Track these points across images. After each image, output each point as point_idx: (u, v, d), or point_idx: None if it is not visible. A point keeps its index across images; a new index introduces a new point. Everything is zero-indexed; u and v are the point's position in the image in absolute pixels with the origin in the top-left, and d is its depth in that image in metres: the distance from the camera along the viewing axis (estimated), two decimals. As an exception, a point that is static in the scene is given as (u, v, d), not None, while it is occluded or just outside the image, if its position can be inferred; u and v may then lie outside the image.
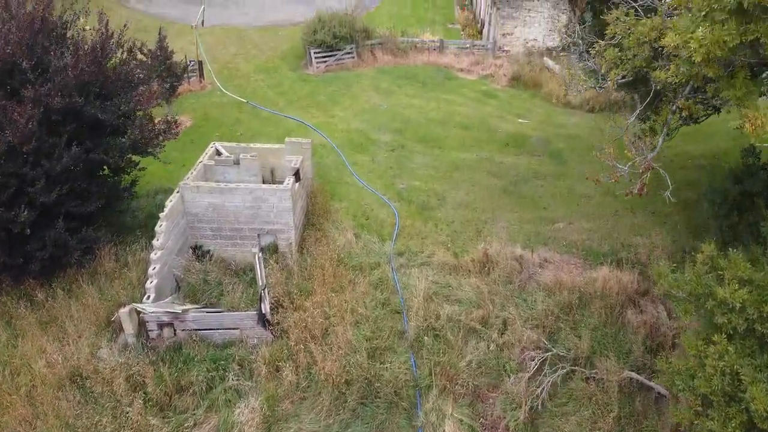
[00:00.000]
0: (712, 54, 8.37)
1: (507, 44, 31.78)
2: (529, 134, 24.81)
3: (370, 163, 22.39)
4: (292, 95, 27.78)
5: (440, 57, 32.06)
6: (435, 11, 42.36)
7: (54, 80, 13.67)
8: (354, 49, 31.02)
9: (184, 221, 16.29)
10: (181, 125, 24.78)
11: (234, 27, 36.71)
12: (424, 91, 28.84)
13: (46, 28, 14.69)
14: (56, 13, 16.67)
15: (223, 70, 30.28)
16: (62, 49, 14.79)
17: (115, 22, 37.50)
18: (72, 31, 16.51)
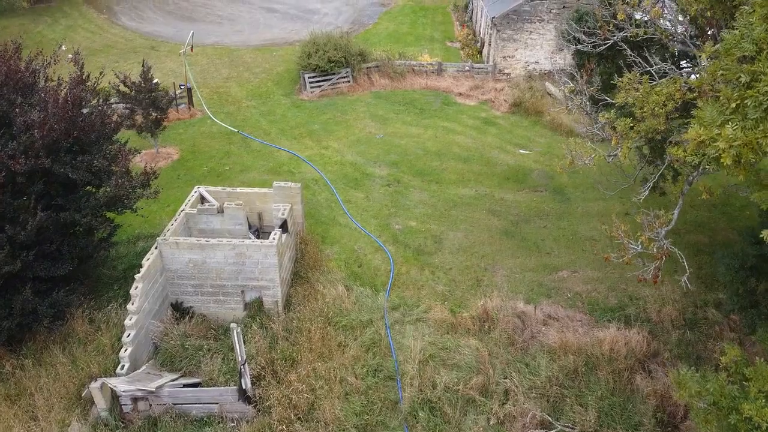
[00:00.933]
0: (744, 158, 7.31)
1: (507, 67, 30.77)
2: (531, 167, 23.79)
3: (365, 201, 21.38)
4: (284, 124, 26.78)
5: (439, 80, 31.07)
6: (434, 28, 41.42)
7: (19, 139, 12.68)
8: (349, 73, 30.03)
9: (162, 278, 15.29)
10: (169, 158, 23.87)
11: (227, 47, 35.76)
12: (422, 118, 27.85)
13: (12, 78, 13.68)
14: (25, 58, 15.71)
15: (214, 95, 29.31)
16: (30, 101, 13.79)
17: (106, 40, 36.77)
18: (42, 79, 15.47)
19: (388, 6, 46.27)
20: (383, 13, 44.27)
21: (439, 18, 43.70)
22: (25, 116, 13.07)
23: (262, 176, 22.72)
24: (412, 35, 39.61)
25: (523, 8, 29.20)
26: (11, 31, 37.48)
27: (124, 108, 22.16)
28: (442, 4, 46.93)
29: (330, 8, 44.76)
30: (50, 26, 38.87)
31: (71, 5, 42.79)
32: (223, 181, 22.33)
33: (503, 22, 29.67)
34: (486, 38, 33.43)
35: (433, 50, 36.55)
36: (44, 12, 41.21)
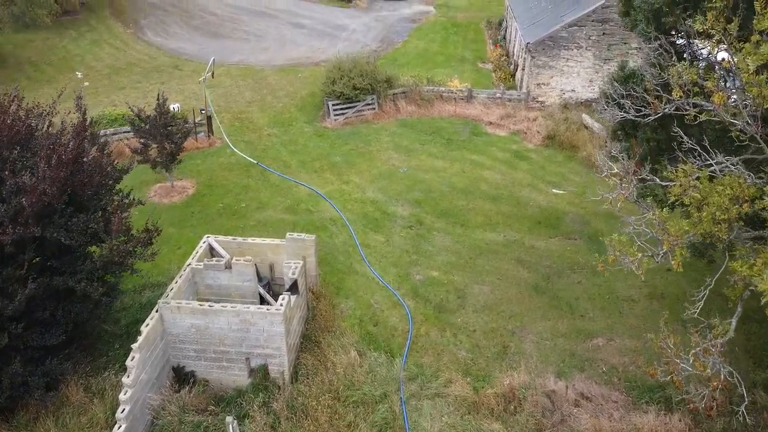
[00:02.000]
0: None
1: (542, 95, 29.19)
2: (565, 209, 22.25)
3: (385, 246, 20.14)
4: (305, 155, 25.71)
5: (468, 108, 29.66)
6: (465, 46, 40.02)
7: (8, 203, 11.76)
8: (375, 100, 28.84)
9: (163, 343, 14.30)
10: (184, 192, 23.00)
11: (251, 67, 34.93)
12: (449, 149, 26.49)
13: (5, 135, 12.78)
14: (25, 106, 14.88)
15: (236, 121, 28.42)
16: (25, 155, 12.88)
17: (130, 58, 36.27)
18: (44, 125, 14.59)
19: (418, 22, 45.04)
20: (413, 30, 43.02)
21: (471, 35, 42.28)
22: (17, 177, 12.16)
23: (279, 215, 21.69)
24: (442, 55, 38.28)
25: (560, 34, 27.61)
26: (36, 45, 37.35)
27: (138, 142, 21.32)
28: (475, 20, 45.52)
29: (359, 24, 43.68)
30: (75, 41, 38.60)
31: (98, 19, 42.57)
32: (239, 219, 21.37)
33: (538, 49, 28.11)
34: (519, 62, 31.90)
35: (464, 72, 35.18)
36: (70, 25, 41.01)
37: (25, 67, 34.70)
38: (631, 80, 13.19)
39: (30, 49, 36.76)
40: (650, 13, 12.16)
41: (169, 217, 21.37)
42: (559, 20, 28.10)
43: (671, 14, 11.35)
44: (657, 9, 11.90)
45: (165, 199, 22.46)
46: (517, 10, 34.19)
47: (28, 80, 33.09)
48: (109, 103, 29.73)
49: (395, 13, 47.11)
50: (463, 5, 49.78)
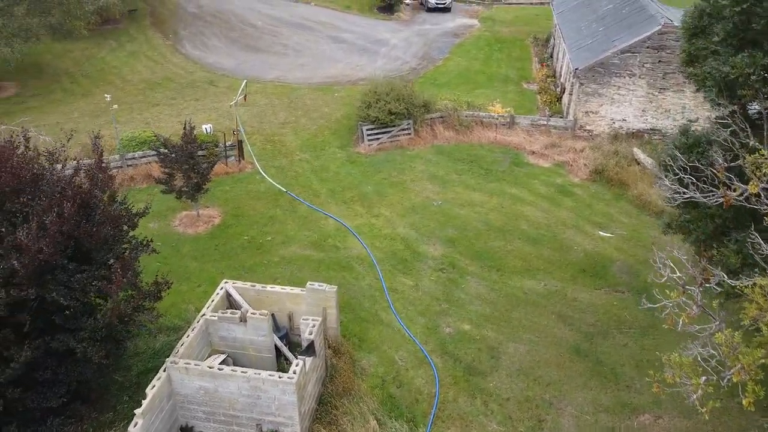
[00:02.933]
0: None
1: (590, 123, 27.42)
2: (612, 256, 20.54)
3: (413, 291, 18.84)
4: (336, 183, 24.61)
5: (509, 134, 28.11)
6: (509, 65, 38.39)
7: (3, 263, 10.92)
8: (411, 126, 27.58)
9: (171, 403, 13.35)
10: (210, 222, 22.16)
11: (288, 84, 34.09)
12: (487, 181, 25.01)
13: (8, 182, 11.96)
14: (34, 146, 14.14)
15: (268, 144, 27.55)
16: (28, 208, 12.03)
17: (166, 71, 35.89)
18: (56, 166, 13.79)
19: (461, 36, 43.57)
20: (455, 46, 41.58)
21: (516, 53, 40.60)
22: (17, 231, 11.32)
23: (304, 251, 20.63)
24: (484, 74, 36.75)
25: (611, 61, 25.81)
26: (74, 55, 37.39)
27: (163, 171, 20.56)
28: (521, 35, 43.79)
29: (399, 39, 42.47)
30: (113, 52, 38.50)
31: (138, 28, 42.48)
32: (263, 254, 20.39)
33: (588, 75, 26.37)
34: (567, 86, 30.15)
35: (507, 93, 33.61)
36: (110, 35, 40.99)
37: (61, 79, 34.68)
38: (695, 150, 11.57)
39: (68, 60, 36.80)
40: (723, 83, 10.58)
41: (192, 250, 20.58)
42: (611, 45, 26.31)
43: (749, 87, 9.80)
44: (732, 80, 10.33)
45: (190, 229, 21.66)
46: (566, 30, 32.42)
47: (63, 92, 33.01)
48: (142, 120, 29.28)
49: (438, 26, 45.72)
50: (509, 19, 48.07)
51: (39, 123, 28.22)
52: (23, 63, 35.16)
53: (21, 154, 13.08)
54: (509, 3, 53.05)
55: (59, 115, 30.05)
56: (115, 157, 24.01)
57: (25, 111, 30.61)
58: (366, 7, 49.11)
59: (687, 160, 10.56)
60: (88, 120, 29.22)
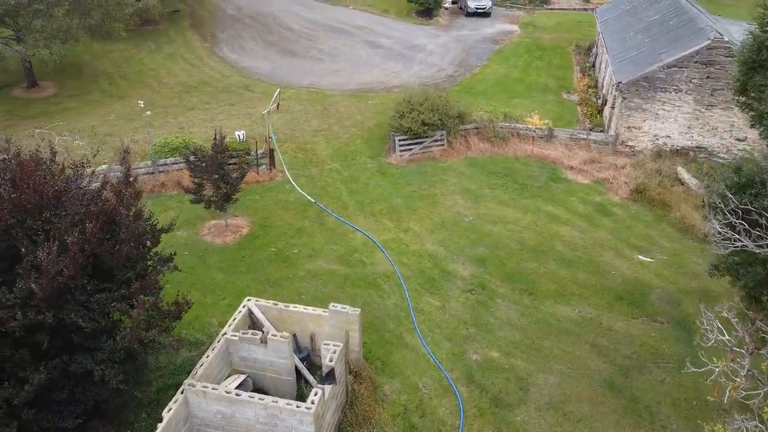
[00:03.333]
0: None
1: (632, 139, 26.33)
2: (651, 283, 19.57)
3: (440, 313, 18.24)
4: (365, 195, 24.16)
5: (547, 148, 27.23)
6: (549, 73, 37.36)
7: (22, 284, 10.70)
8: (444, 137, 26.93)
9: (187, 426, 13.08)
10: (238, 231, 21.94)
11: (322, 91, 33.80)
12: (522, 196, 24.21)
13: (30, 199, 11.77)
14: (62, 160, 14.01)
15: (299, 152, 27.26)
16: (46, 227, 11.83)
17: (203, 75, 36.01)
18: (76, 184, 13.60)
19: (500, 43, 42.65)
20: (494, 53, 40.70)
21: (556, 60, 39.51)
22: (38, 250, 11.14)
23: (330, 265, 20.23)
24: (523, 83, 35.83)
25: (656, 75, 24.70)
26: (113, 56, 37.82)
27: (193, 181, 20.40)
28: (562, 42, 42.63)
29: (437, 45, 41.80)
30: (152, 53, 38.84)
31: (177, 30, 42.81)
32: (289, 268, 20.05)
33: (631, 90, 25.31)
34: (609, 97, 29.07)
35: (546, 103, 32.67)
36: (149, 36, 41.40)
37: (99, 80, 35.11)
38: (748, 191, 10.67)
39: (107, 61, 37.27)
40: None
41: (219, 261, 20.38)
42: (657, 59, 25.18)
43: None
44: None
45: (218, 239, 21.48)
46: (610, 40, 31.30)
47: (100, 94, 33.40)
48: (176, 125, 29.35)
49: (476, 32, 44.88)
50: (551, 25, 46.89)
51: (74, 125, 28.57)
52: (62, 63, 35.73)
53: (45, 168, 12.93)
54: (551, 8, 51.82)
55: (95, 117, 30.36)
56: (147, 163, 24.04)
57: (62, 112, 31.06)
58: (404, 11, 48.57)
59: (739, 202, 9.73)
60: (124, 123, 29.43)
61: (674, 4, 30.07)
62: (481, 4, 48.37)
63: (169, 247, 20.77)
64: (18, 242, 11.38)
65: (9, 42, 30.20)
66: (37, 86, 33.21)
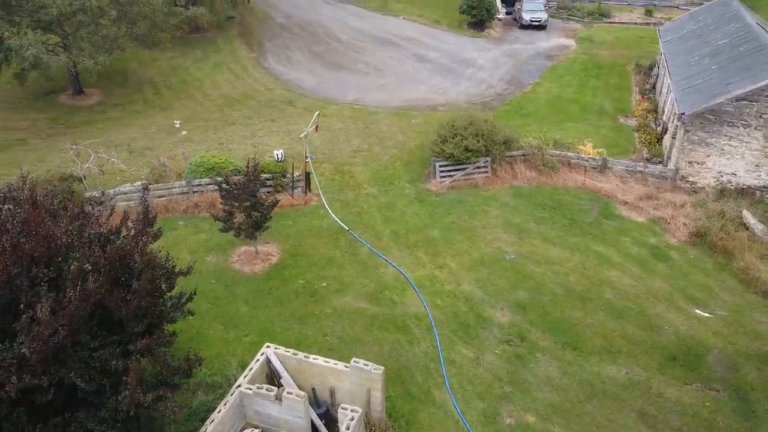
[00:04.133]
0: None
1: (693, 174, 24.33)
2: (708, 342, 17.75)
3: (473, 366, 16.93)
4: (401, 225, 23.02)
5: (600, 179, 25.49)
6: (606, 94, 35.37)
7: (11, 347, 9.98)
8: (488, 164, 25.53)
9: (191, 488, 12.31)
10: (268, 260, 21.16)
11: (365, 108, 32.86)
12: (570, 233, 22.60)
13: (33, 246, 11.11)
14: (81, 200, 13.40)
15: (336, 174, 26.36)
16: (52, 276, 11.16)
17: (246, 87, 35.61)
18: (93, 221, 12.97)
19: (555, 59, 40.80)
20: (548, 69, 38.91)
21: (614, 80, 37.43)
22: (41, 301, 10.48)
23: (359, 302, 19.20)
24: (577, 104, 33.99)
25: (724, 108, 22.66)
26: (160, 64, 37.87)
27: (223, 209, 19.70)
28: (621, 60, 40.44)
29: (487, 59, 40.29)
30: (198, 63, 38.74)
31: (225, 38, 42.67)
32: (315, 303, 19.13)
33: (695, 122, 23.33)
34: (669, 126, 27.07)
35: (601, 128, 30.83)
36: (198, 44, 41.35)
37: (145, 89, 35.16)
38: None
39: (153, 69, 37.34)
40: None
41: (246, 292, 19.64)
42: (724, 90, 23.12)
43: None
44: None
45: (246, 267, 20.76)
46: (673, 63, 29.22)
47: (144, 104, 33.39)
48: (216, 140, 28.92)
49: (530, 46, 43.10)
50: (609, 40, 44.65)
51: (114, 138, 28.50)
52: (109, 70, 36.00)
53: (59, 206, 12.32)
54: (611, 22, 49.46)
55: (137, 129, 30.29)
56: (182, 183, 23.57)
57: (105, 122, 31.13)
58: (456, 22, 47.21)
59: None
60: (164, 137, 29.21)
61: (745, 28, 27.77)
62: (536, 17, 46.53)
63: (198, 275, 20.40)
64: (21, 293, 10.76)
65: (56, 49, 30.40)
66: (83, 94, 33.46)
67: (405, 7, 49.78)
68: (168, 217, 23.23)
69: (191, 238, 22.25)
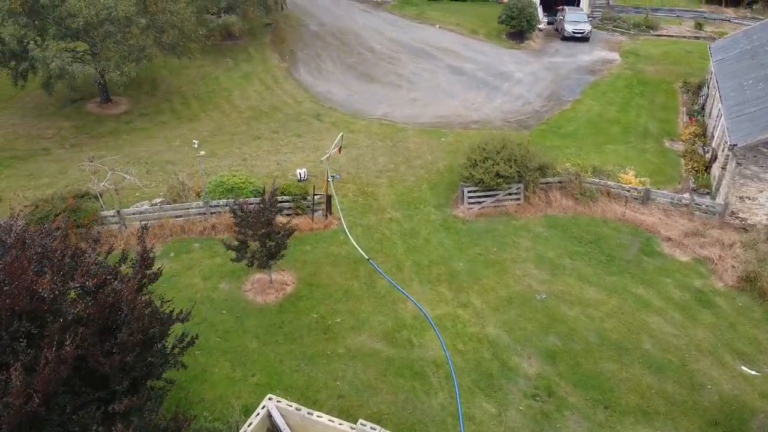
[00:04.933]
0: None
1: (744, 211, 22.39)
2: (754, 405, 16.01)
3: (495, 423, 15.56)
4: (424, 255, 21.74)
5: (642, 211, 23.75)
6: (651, 114, 33.38)
7: None
8: (521, 191, 24.04)
9: None
10: (282, 289, 20.16)
11: (394, 124, 31.64)
12: (607, 272, 20.99)
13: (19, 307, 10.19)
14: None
15: (360, 196, 25.22)
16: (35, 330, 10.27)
17: (275, 99, 34.78)
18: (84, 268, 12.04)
19: (598, 74, 38.86)
20: (589, 85, 37.03)
21: (660, 98, 35.35)
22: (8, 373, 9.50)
23: (374, 343, 18.03)
24: (619, 124, 32.12)
25: (782, 141, 20.74)
26: (189, 73, 37.38)
27: (236, 237, 18.74)
28: (668, 76, 38.25)
29: (526, 73, 38.61)
30: (228, 72, 38.10)
31: (257, 46, 41.99)
32: (328, 341, 18.04)
33: (747, 155, 21.42)
34: (719, 155, 25.08)
35: (645, 152, 28.99)
36: (229, 52, 40.76)
37: (173, 98, 34.66)
38: None
39: (183, 77, 36.86)
40: None
41: (256, 325, 18.67)
42: (785, 120, 21.17)
43: None
44: None
45: (259, 297, 19.79)
46: (724, 85, 27.16)
47: (171, 114, 32.87)
48: (240, 155, 28.12)
49: (571, 60, 41.22)
50: (656, 55, 42.38)
51: (136, 152, 27.98)
52: (139, 78, 35.64)
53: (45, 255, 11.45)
54: (658, 35, 47.08)
55: (161, 141, 29.74)
56: (200, 203, 22.77)
57: (131, 133, 30.68)
58: (494, 32, 45.59)
59: None
60: (187, 151, 28.51)
61: (808, 51, 25.62)
62: (579, 28, 44.55)
63: (209, 304, 19.58)
64: (0, 349, 9.92)
65: (84, 57, 30.09)
66: (110, 102, 33.13)
67: (442, 16, 48.39)
68: (184, 238, 22.49)
69: (206, 262, 21.41)
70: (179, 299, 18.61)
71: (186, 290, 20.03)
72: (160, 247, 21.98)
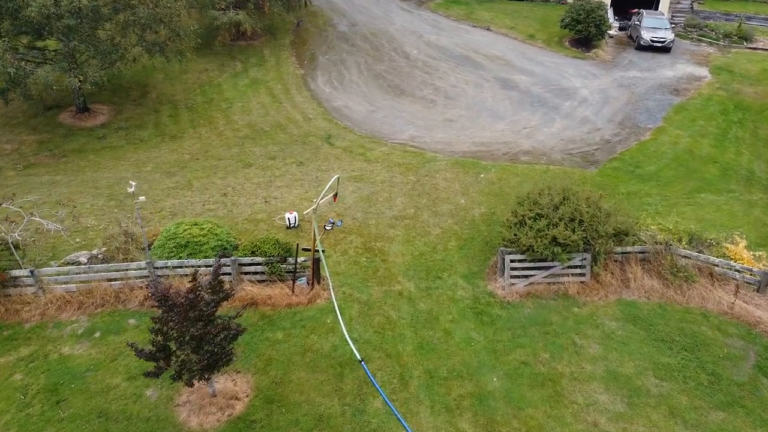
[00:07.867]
0: None
1: None
2: None
3: None
4: (441, 360, 15.14)
5: (758, 302, 16.55)
6: (755, 151, 25.94)
7: None
8: (587, 263, 17.16)
9: None
10: (229, 407, 13.95)
11: (421, 152, 25.08)
12: (710, 401, 14.01)
13: None
14: None
15: (364, 253, 18.78)
16: None
17: (280, 116, 28.44)
18: None
19: (683, 94, 31.33)
20: (674, 108, 29.61)
21: (765, 130, 27.68)
22: None
23: None
24: (716, 163, 24.74)
25: None
26: (188, 78, 31.75)
27: (152, 340, 12.62)
28: (774, 99, 30.36)
29: (592, 89, 31.42)
30: (233, 78, 32.19)
31: (274, 47, 36.01)
32: None
33: None
34: None
35: (752, 206, 21.71)
36: (241, 53, 34.92)
37: (161, 108, 29.03)
38: None
39: (179, 84, 31.21)
40: None
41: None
42: None
43: None
44: None
45: (195, 418, 13.65)
46: None
47: (153, 129, 27.18)
48: (220, 189, 22.13)
49: (650, 74, 33.69)
50: (755, 72, 34.37)
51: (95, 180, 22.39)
52: (128, 83, 30.28)
53: None
54: (754, 47, 38.80)
55: (131, 164, 24.09)
56: (141, 263, 16.81)
57: (99, 152, 25.20)
58: (554, 37, 38.42)
59: None
60: (159, 179, 22.82)
61: None
62: (659, 36, 36.88)
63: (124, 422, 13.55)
64: None
65: (56, 58, 24.81)
66: (88, 111, 27.76)
67: (494, 17, 41.52)
68: (118, 310, 16.58)
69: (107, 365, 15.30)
70: (85, 411, 12.98)
71: (98, 397, 14.11)
72: (85, 321, 16.22)
